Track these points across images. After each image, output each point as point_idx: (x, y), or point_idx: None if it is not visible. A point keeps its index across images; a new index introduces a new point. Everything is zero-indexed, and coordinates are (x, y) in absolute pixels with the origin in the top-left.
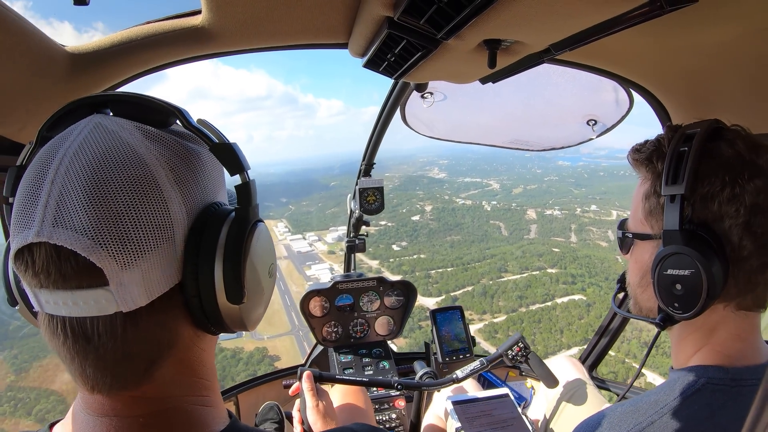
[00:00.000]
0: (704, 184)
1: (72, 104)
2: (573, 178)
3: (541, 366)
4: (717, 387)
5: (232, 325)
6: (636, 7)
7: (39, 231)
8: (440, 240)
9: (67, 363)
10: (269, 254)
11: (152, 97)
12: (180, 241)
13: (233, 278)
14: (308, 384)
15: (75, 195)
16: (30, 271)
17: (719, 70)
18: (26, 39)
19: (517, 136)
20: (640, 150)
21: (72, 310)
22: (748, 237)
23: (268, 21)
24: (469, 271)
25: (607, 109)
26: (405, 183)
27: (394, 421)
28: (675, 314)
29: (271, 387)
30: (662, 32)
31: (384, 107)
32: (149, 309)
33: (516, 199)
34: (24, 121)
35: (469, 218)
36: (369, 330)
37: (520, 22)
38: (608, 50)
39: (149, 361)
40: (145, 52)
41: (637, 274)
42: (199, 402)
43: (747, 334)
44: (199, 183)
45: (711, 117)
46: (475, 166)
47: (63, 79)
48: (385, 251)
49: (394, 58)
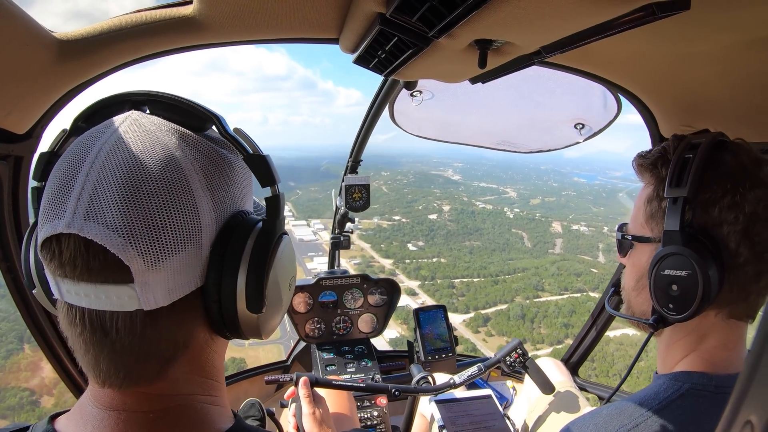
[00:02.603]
0: (706, 190)
1: (110, 98)
2: (591, 196)
3: (538, 373)
4: (701, 393)
5: (248, 332)
6: (628, 12)
7: (70, 222)
8: (458, 244)
9: (80, 354)
10: (291, 267)
11: (191, 101)
12: (206, 246)
13: (255, 288)
14: (305, 390)
15: (109, 190)
16: (56, 261)
17: (709, 79)
18: (14, 23)
19: (504, 138)
20: (646, 156)
21: (93, 303)
22: (745, 244)
23: (259, 14)
24: (500, 285)
25: (595, 113)
26: (419, 180)
27: (375, 418)
28: (669, 315)
29: (253, 383)
30: (653, 39)
31: (372, 104)
32: (169, 309)
33: (534, 209)
34: (9, 107)
35: (490, 224)
36: (352, 327)
37: (512, 23)
38: (599, 55)
39: (164, 360)
40: (135, 41)
41: (633, 278)
42: (207, 401)
43: (734, 343)
44: (230, 190)
45: (698, 124)
46: (490, 172)
47: (51, 65)
48: (400, 250)
49: (384, 55)
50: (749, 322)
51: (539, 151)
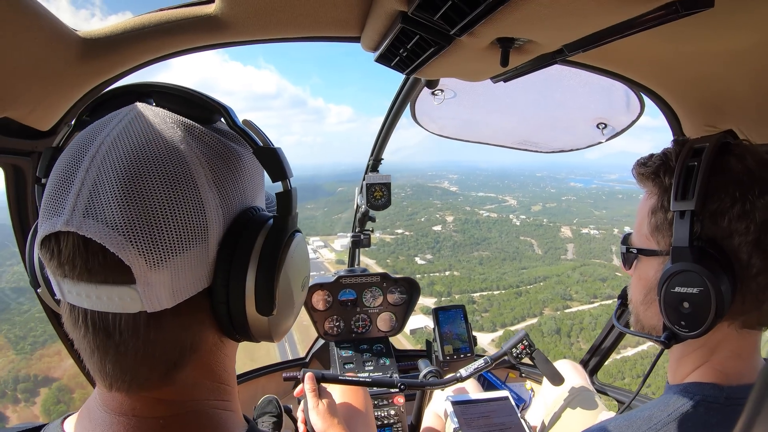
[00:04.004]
0: (714, 200)
1: (114, 90)
2: (591, 199)
3: (546, 364)
4: (711, 405)
5: (258, 335)
6: (651, 10)
7: (68, 220)
8: (467, 255)
9: (86, 356)
10: (304, 266)
11: (198, 92)
12: (213, 244)
13: (265, 289)
14: (310, 385)
15: (109, 186)
16: (55, 260)
17: (732, 78)
18: (38, 21)
19: (526, 137)
20: (646, 164)
21: (94, 304)
22: (757, 254)
23: (281, 11)
24: (524, 296)
25: (618, 113)
26: (417, 192)
27: (392, 417)
28: (681, 333)
29: (271, 379)
30: (676, 37)
31: (394, 103)
32: (174, 311)
33: (537, 216)
34: (33, 104)
35: (496, 232)
36: (371, 326)
37: (534, 21)
38: (621, 53)
39: (171, 363)
40: (157, 40)
41: (640, 291)
42: (219, 406)
43: (747, 353)
44: (239, 186)
45: (722, 125)
46: (487, 182)
47: (74, 64)
48: (408, 264)
49: (406, 53)
50: (763, 330)
51: (561, 151)
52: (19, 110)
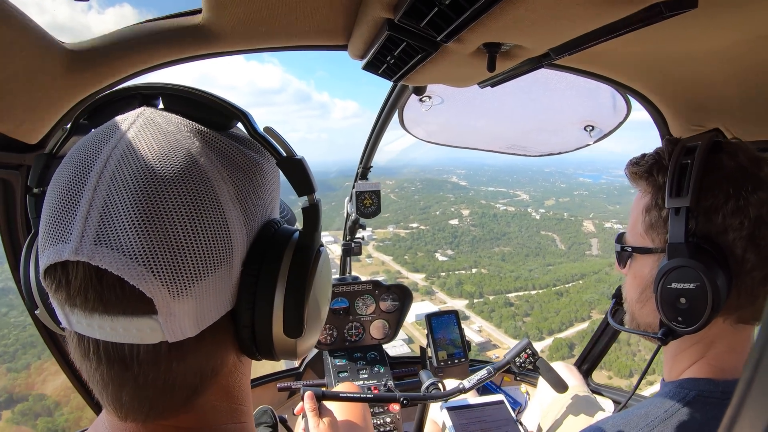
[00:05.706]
0: (708, 197)
1: (118, 91)
2: (603, 194)
3: (550, 372)
4: (708, 400)
5: (281, 354)
6: (635, 13)
7: (77, 248)
8: (488, 250)
9: (98, 388)
10: (330, 283)
11: (213, 95)
12: (237, 264)
13: (294, 312)
14: (310, 404)
15: (123, 208)
16: (63, 291)
17: (717, 77)
18: (26, 34)
19: (514, 141)
20: (639, 163)
21: (109, 335)
22: (751, 250)
23: (269, 21)
24: (565, 297)
25: (605, 115)
26: (427, 186)
27: (388, 425)
28: (678, 328)
29: (266, 390)
30: (661, 38)
31: (382, 110)
32: (198, 338)
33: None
34: (21, 117)
35: (516, 227)
36: (364, 333)
37: (520, 26)
38: (607, 56)
39: (192, 390)
40: (144, 51)
41: (636, 290)
42: (237, 430)
43: (742, 347)
44: (260, 199)
45: (709, 124)
46: (495, 177)
47: (61, 76)
48: (428, 261)
49: (393, 60)
50: (757, 324)
51: (549, 154)
52: (6, 124)
